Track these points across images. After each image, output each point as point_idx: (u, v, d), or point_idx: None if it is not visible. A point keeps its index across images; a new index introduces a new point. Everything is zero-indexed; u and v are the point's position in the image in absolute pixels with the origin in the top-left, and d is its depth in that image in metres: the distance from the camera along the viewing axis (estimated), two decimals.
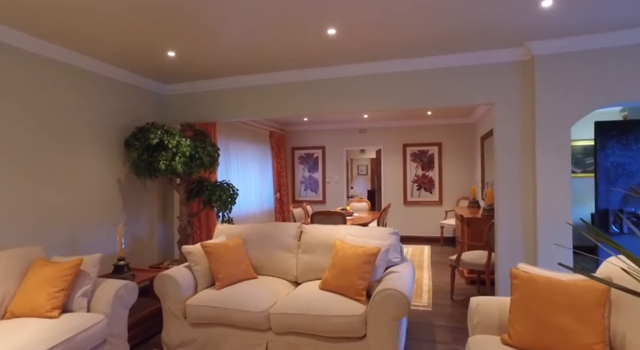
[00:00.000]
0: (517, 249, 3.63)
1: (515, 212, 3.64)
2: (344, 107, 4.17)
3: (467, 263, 4.12)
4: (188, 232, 4.21)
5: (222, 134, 6.25)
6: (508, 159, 3.66)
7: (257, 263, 3.45)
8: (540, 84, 3.43)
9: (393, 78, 4.00)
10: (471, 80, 3.76)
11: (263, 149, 7.87)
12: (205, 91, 4.64)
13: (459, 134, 7.87)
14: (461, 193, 7.83)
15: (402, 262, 3.28)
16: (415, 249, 7.17)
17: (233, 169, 6.58)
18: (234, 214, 6.49)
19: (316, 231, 3.44)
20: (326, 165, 8.66)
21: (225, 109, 4.59)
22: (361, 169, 15.05)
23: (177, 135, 3.90)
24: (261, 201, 7.64)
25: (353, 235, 3.23)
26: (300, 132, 8.82)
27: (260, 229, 3.59)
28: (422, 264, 6.01)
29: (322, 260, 3.28)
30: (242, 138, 6.96)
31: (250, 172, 7.25)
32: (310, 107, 4.29)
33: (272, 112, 4.44)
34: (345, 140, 8.54)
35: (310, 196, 8.76)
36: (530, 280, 1.88)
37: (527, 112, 3.60)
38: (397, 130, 8.21)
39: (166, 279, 2.93)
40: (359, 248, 2.91)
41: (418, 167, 8.09)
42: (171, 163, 3.80)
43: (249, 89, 4.49)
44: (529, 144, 3.60)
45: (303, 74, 4.24)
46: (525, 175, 3.61)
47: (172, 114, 4.76)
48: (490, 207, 4.93)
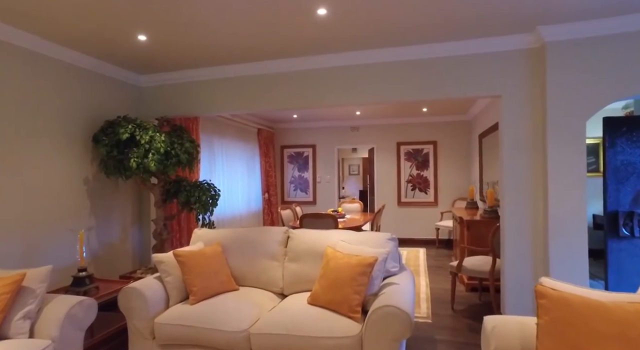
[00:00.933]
0: (526, 255, 3.31)
1: (523, 214, 3.32)
2: (335, 100, 3.82)
3: (470, 270, 3.79)
4: (164, 236, 3.82)
5: (205, 130, 5.85)
6: (516, 157, 3.34)
7: (238, 273, 3.08)
8: (552, 74, 3.11)
9: (389, 68, 3.65)
10: (475, 70, 3.43)
11: (250, 147, 7.49)
12: (185, 83, 4.25)
13: (455, 132, 7.57)
14: (457, 193, 7.53)
15: (400, 271, 2.93)
16: (410, 252, 6.84)
17: (218, 168, 6.19)
18: (219, 216, 6.11)
19: (305, 237, 3.08)
20: (317, 165, 8.30)
21: (207, 102, 4.21)
22: (353, 168, 14.74)
23: (150, 130, 3.51)
24: (248, 202, 7.26)
25: (346, 242, 2.88)
26: (289, 130, 8.45)
27: (243, 234, 3.21)
28: (419, 268, 5.69)
29: (311, 269, 2.92)
30: (228, 135, 6.57)
31: (237, 172, 6.86)
32: (299, 101, 3.92)
33: (258, 106, 4.06)
34: (337, 138, 8.20)
35: (300, 197, 8.40)
36: (563, 300, 1.54)
37: (537, 105, 3.28)
38: (390, 128, 7.89)
39: (132, 293, 2.55)
40: (353, 257, 2.55)
41: (412, 167, 7.77)
42: (143, 161, 3.41)
43: (232, 81, 4.11)
44: (539, 140, 3.28)
45: (291, 63, 3.88)
46: (535, 174, 3.29)
47: (148, 108, 4.36)
48: (491, 208, 4.61)
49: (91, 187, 3.65)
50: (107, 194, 3.85)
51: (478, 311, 3.90)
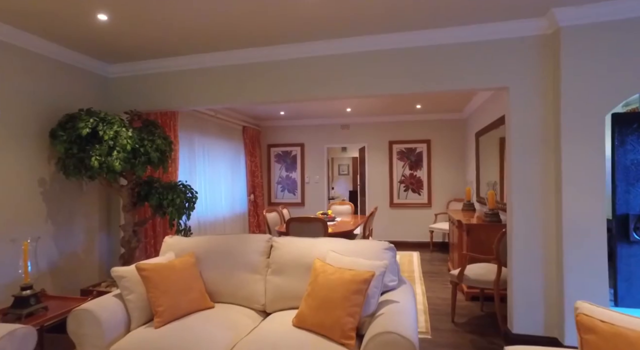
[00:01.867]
0: (537, 264, 2.98)
1: (533, 219, 2.99)
2: (325, 92, 3.45)
3: (473, 280, 3.46)
4: (133, 244, 3.41)
5: (185, 127, 5.43)
6: (525, 156, 3.01)
7: (213, 288, 2.69)
8: (567, 63, 2.79)
9: (384, 58, 3.30)
10: (480, 60, 3.10)
11: (235, 146, 7.08)
12: (159, 73, 3.84)
13: (450, 131, 7.26)
14: (452, 194, 7.22)
15: (399, 284, 2.58)
16: (404, 257, 6.51)
17: (199, 167, 5.77)
18: (200, 219, 5.70)
19: (290, 246, 2.70)
20: (305, 164, 7.93)
21: (183, 96, 3.80)
22: (342, 168, 14.40)
23: (115, 125, 3.10)
24: (232, 204, 6.85)
25: (337, 253, 2.51)
26: (276, 128, 8.06)
27: (219, 242, 2.82)
28: (413, 274, 5.35)
29: (297, 284, 2.55)
30: (210, 132, 6.15)
31: (220, 172, 6.45)
32: (285, 93, 3.55)
33: (240, 99, 3.68)
34: (326, 136, 7.83)
35: (288, 198, 8.01)
36: (620, 338, 1.20)
37: (549, 99, 2.96)
38: (382, 126, 7.55)
39: (83, 316, 2.14)
40: (345, 272, 2.18)
41: (405, 166, 7.45)
42: (107, 159, 2.99)
43: (211, 71, 3.72)
44: (551, 137, 2.95)
45: (276, 52, 3.50)
46: (547, 176, 2.96)
47: (119, 101, 3.93)
48: (492, 211, 4.29)
49: (48, 190, 3.22)
50: (68, 196, 3.42)
51: (481, 324, 3.57)
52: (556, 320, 2.92)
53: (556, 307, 2.92)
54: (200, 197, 5.78)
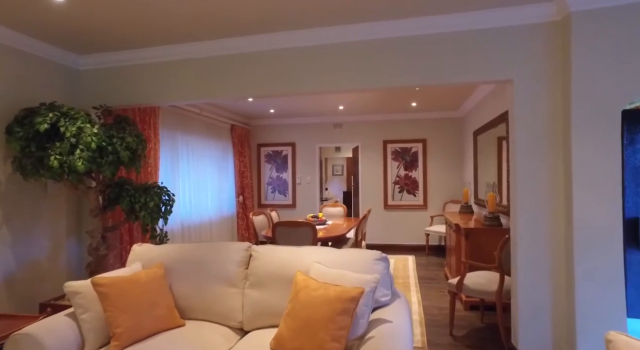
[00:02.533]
0: (544, 274, 2.71)
1: (540, 225, 2.72)
2: (314, 86, 3.16)
3: (473, 290, 3.18)
4: (102, 252, 3.10)
5: (167, 125, 5.12)
6: (530, 155, 2.74)
7: (185, 303, 2.40)
8: (579, 53, 2.52)
9: (378, 48, 3.01)
10: (482, 49, 2.82)
11: (223, 145, 6.77)
12: (135, 65, 3.53)
13: (446, 130, 7.00)
14: (449, 196, 6.96)
15: (393, 299, 2.29)
16: (398, 261, 6.23)
17: (182, 168, 5.46)
18: (184, 223, 5.39)
19: (271, 256, 2.41)
20: (296, 164, 7.63)
21: (160, 90, 3.50)
22: (336, 169, 14.14)
23: (79, 120, 2.79)
24: (220, 206, 6.54)
25: (323, 264, 2.22)
26: (266, 127, 7.76)
27: (192, 251, 2.53)
28: (408, 281, 5.07)
29: (279, 299, 2.26)
30: (195, 131, 5.85)
31: (206, 172, 6.14)
32: (271, 86, 3.25)
33: (222, 94, 3.38)
34: (318, 136, 7.54)
35: (279, 199, 7.71)
36: None
37: (558, 92, 2.69)
38: (376, 124, 7.28)
39: (23, 342, 1.83)
40: (330, 288, 1.90)
41: (400, 167, 7.18)
42: (68, 158, 2.69)
43: (190, 64, 3.42)
44: (560, 134, 2.68)
45: (262, 41, 3.20)
46: (555, 176, 2.70)
47: (91, 96, 3.62)
48: (492, 215, 4.02)
49: (4, 192, 2.90)
50: (29, 199, 3.11)
51: (482, 337, 3.30)
52: (565, 335, 2.65)
53: (566, 321, 2.65)
54: (184, 199, 5.47)
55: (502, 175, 4.53)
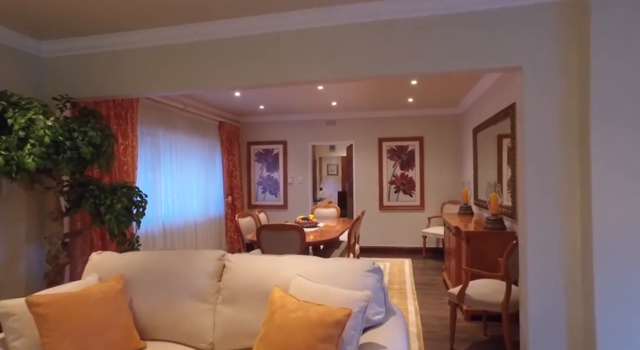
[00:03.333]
0: (557, 285, 2.41)
1: (553, 229, 2.42)
2: (302, 74, 2.84)
3: (477, 301, 2.88)
4: (61, 260, 2.76)
5: (147, 121, 4.79)
6: (542, 152, 2.43)
7: (148, 321, 2.08)
8: (600, 34, 2.21)
9: (370, 32, 2.70)
10: (487, 32, 2.51)
11: (210, 143, 6.43)
12: (104, 53, 3.19)
13: (444, 127, 6.70)
14: (447, 196, 6.66)
15: (387, 317, 1.98)
16: (394, 264, 5.92)
17: (164, 166, 5.12)
18: (165, 224, 5.05)
19: (247, 267, 2.09)
20: (288, 163, 7.31)
21: (133, 80, 3.16)
22: (331, 168, 13.85)
23: (32, 111, 2.46)
24: (206, 207, 6.20)
25: (305, 278, 1.90)
26: (257, 124, 7.43)
27: (158, 260, 2.20)
28: (404, 286, 4.76)
29: (254, 317, 1.94)
30: (180, 128, 5.51)
31: (191, 171, 5.80)
32: (256, 75, 2.92)
33: (202, 84, 3.04)
34: (311, 133, 7.22)
35: (270, 200, 7.38)
36: None
37: (575, 79, 2.38)
38: (371, 122, 6.96)
39: None
40: (312, 309, 1.58)
41: (396, 166, 6.87)
42: (16, 154, 2.35)
43: (167, 50, 3.08)
44: (576, 128, 2.38)
45: (245, 24, 2.88)
46: (570, 175, 2.39)
47: (55, 86, 3.27)
48: (496, 217, 3.72)
49: None
50: None
51: None
52: None
53: (583, 336, 2.35)
54: (166, 199, 5.14)
55: (503, 175, 4.25)
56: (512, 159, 3.68)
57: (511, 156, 3.74)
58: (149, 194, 4.76)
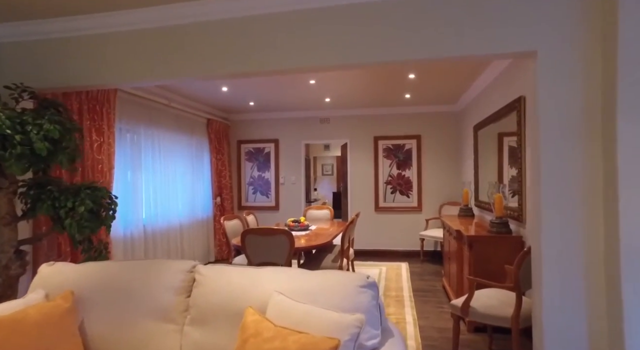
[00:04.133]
0: (577, 296, 2.12)
1: (572, 234, 2.13)
2: (288, 62, 2.53)
3: (483, 314, 2.58)
4: (13, 271, 2.44)
5: (127, 116, 4.46)
6: (559, 146, 2.15)
7: (102, 346, 1.76)
8: (630, 12, 1.93)
9: (362, 12, 2.40)
10: (496, 13, 2.22)
11: (197, 142, 6.11)
12: (67, 38, 2.87)
13: (443, 125, 6.42)
14: (446, 197, 6.38)
15: (384, 340, 1.67)
16: (391, 269, 5.63)
17: (146, 165, 4.80)
18: (147, 227, 4.73)
19: (220, 281, 1.78)
20: (280, 163, 7.00)
21: (102, 69, 2.84)
22: (326, 168, 13.57)
23: None
24: (192, 208, 5.88)
25: (287, 295, 1.59)
26: (247, 122, 7.11)
27: (119, 274, 1.89)
28: (402, 293, 4.47)
29: (226, 341, 1.64)
30: (163, 125, 5.18)
31: (176, 171, 5.48)
32: (236, 64, 2.62)
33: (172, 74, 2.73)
34: (304, 132, 6.91)
35: (261, 201, 7.07)
36: None
37: (597, 64, 2.10)
38: (366, 119, 6.67)
39: None
40: (291, 338, 1.28)
41: (392, 165, 6.58)
42: None
43: (138, 35, 2.77)
44: (599, 120, 2.09)
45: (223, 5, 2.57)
46: (592, 173, 2.11)
47: (11, 74, 2.94)
48: (500, 220, 3.43)
49: None
50: None
51: None
52: None
53: None
54: (147, 201, 4.81)
55: (502, 176, 3.98)
56: (518, 157, 3.40)
57: (517, 154, 3.46)
58: (129, 195, 4.44)
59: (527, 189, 3.27)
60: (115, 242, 4.11)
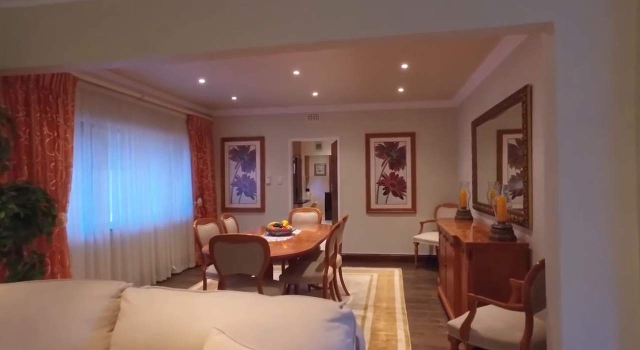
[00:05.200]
0: (606, 320, 1.73)
1: (599, 242, 1.74)
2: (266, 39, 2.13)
3: (487, 340, 2.18)
4: None
5: (90, 109, 4.03)
6: (582, 139, 1.76)
7: None
8: None
9: None
10: None
11: (176, 139, 5.68)
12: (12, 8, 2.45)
13: (438, 122, 6.03)
14: (441, 198, 5.99)
15: None
16: (382, 275, 5.23)
17: (114, 164, 4.38)
18: (115, 232, 4.30)
19: (148, 311, 1.37)
20: (266, 162, 6.58)
21: (42, 47, 2.42)
22: (319, 168, 13.18)
23: None
24: (170, 211, 5.45)
25: (230, 335, 1.18)
26: (231, 118, 6.69)
27: (20, 300, 1.47)
28: (393, 305, 4.07)
29: None
30: (135, 120, 4.76)
31: (151, 170, 5.06)
32: (204, 42, 2.21)
33: (136, 53, 2.32)
34: (291, 129, 6.50)
35: (246, 202, 6.65)
36: None
37: (630, 35, 1.71)
38: (357, 116, 6.27)
39: None
40: None
41: (385, 164, 6.18)
42: None
43: (87, 6, 2.35)
44: (632, 104, 1.70)
45: None
46: (625, 171, 1.71)
47: None
48: (504, 225, 3.04)
49: None
50: None
51: None
52: None
53: None
54: (116, 203, 4.39)
55: (502, 176, 3.62)
56: (523, 154, 3.01)
57: (522, 150, 3.07)
58: (93, 197, 4.01)
59: (533, 190, 2.89)
60: (74, 250, 3.68)
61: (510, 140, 3.40)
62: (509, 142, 3.46)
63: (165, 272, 5.29)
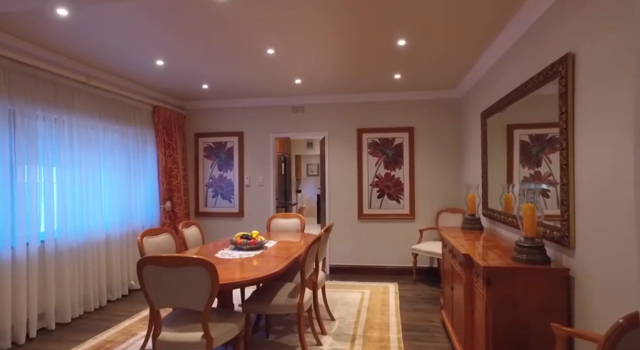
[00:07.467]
0: None
1: None
2: None
3: None
4: None
5: (17, 94, 3.26)
6: None
7: None
8: None
9: None
10: None
11: (138, 133, 4.90)
12: None
13: (440, 114, 5.28)
14: (444, 202, 5.24)
15: None
16: (375, 292, 4.47)
17: (48, 162, 3.60)
18: (60, 241, 3.52)
19: None
20: (245, 160, 5.81)
21: None
22: (311, 168, 12.47)
23: None
24: (128, 216, 4.67)
25: None
26: (206, 111, 5.92)
27: None
28: (387, 335, 3.30)
29: None
30: (79, 108, 3.97)
31: (102, 169, 4.28)
32: None
33: None
34: (273, 123, 5.73)
35: (222, 206, 5.87)
36: None
37: None
38: (348, 108, 5.51)
39: None
40: None
41: (380, 164, 5.42)
42: None
43: None
44: None
45: None
46: None
47: None
48: (533, 242, 2.28)
49: None
50: None
51: None
52: None
53: None
54: (50, 207, 3.61)
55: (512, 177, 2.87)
56: (563, 147, 2.26)
57: (559, 142, 2.32)
58: (17, 200, 3.23)
59: (575, 196, 2.13)
60: None
61: (537, 132, 2.66)
62: (534, 133, 2.71)
63: (121, 288, 4.50)
